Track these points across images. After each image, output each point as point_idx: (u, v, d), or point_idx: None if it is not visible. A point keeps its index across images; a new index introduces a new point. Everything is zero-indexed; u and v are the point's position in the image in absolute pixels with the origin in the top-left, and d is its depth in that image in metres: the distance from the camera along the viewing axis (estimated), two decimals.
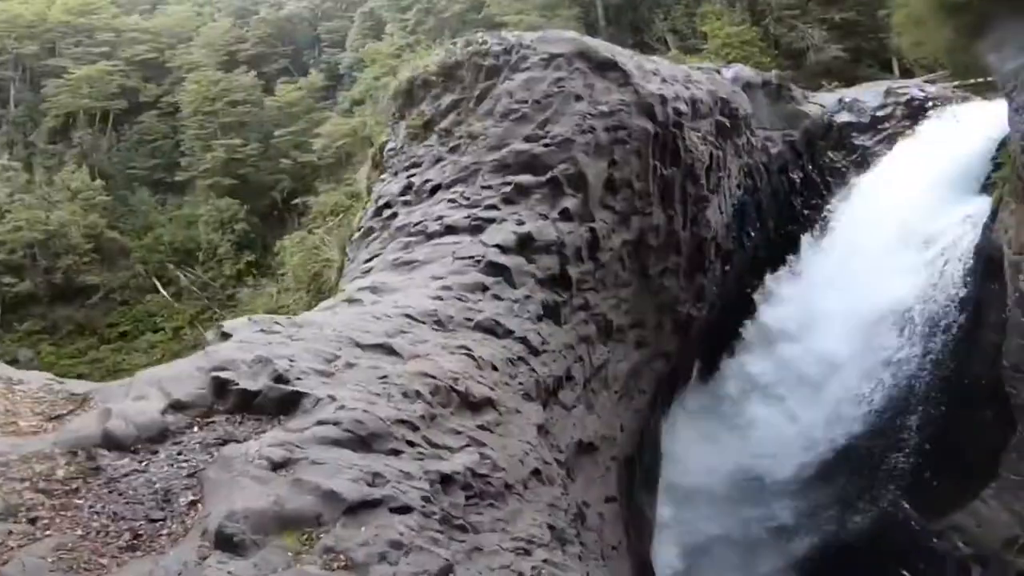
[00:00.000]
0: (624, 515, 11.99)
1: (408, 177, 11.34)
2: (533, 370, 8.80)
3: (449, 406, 6.49)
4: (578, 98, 11.35)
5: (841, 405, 14.29)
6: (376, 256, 10.49)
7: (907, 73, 25.70)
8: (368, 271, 10.14)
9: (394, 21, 39.62)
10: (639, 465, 13.56)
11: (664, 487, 14.50)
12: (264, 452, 4.83)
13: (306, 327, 7.19)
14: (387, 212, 11.22)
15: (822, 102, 18.71)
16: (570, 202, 10.60)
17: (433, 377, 6.54)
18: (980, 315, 13.01)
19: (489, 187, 10.40)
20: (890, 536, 13.60)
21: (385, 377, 6.28)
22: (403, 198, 11.13)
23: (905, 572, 13.01)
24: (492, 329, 8.66)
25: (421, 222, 10.40)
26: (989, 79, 15.64)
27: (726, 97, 14.90)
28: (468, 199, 10.32)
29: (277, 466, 4.77)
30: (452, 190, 10.61)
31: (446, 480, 5.49)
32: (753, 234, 16.05)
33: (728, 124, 14.64)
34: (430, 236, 10.13)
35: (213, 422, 5.44)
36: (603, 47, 12.42)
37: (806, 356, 14.74)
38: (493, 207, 10.20)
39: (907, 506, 13.62)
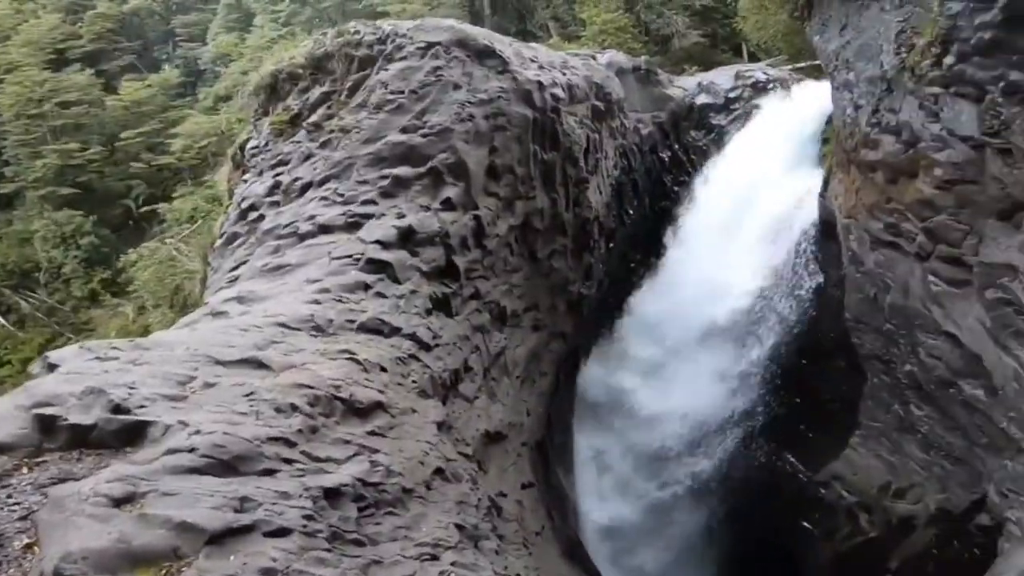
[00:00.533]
0: (544, 499, 11.95)
1: (275, 176, 10.56)
2: (427, 366, 8.45)
3: (333, 415, 6.11)
4: (456, 87, 11.03)
5: (718, 372, 14.92)
6: (243, 263, 9.72)
7: (753, 57, 27.28)
8: (234, 280, 9.37)
9: (264, 12, 37.30)
10: (552, 447, 13.59)
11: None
12: (101, 489, 4.34)
13: (154, 349, 6.52)
14: (253, 215, 10.41)
15: (684, 85, 19.49)
16: (452, 191, 10.26)
17: (311, 387, 6.12)
18: (824, 274, 13.94)
19: (365, 182, 9.86)
20: (785, 490, 14.38)
21: (252, 394, 5.78)
22: (270, 199, 10.36)
23: (806, 523, 13.72)
24: (378, 329, 8.20)
25: (292, 223, 9.69)
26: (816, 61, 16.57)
27: (600, 82, 15.11)
28: (343, 195, 9.74)
29: (119, 502, 4.30)
30: (325, 187, 9.97)
31: (333, 494, 5.12)
32: (632, 212, 16.44)
33: (603, 108, 14.85)
34: (303, 237, 9.47)
35: (45, 461, 4.82)
36: (482, 35, 12.16)
37: (682, 331, 15.24)
38: (371, 202, 9.68)
39: (792, 459, 14.46)
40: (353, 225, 9.39)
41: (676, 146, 18.25)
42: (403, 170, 9.96)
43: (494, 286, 11.38)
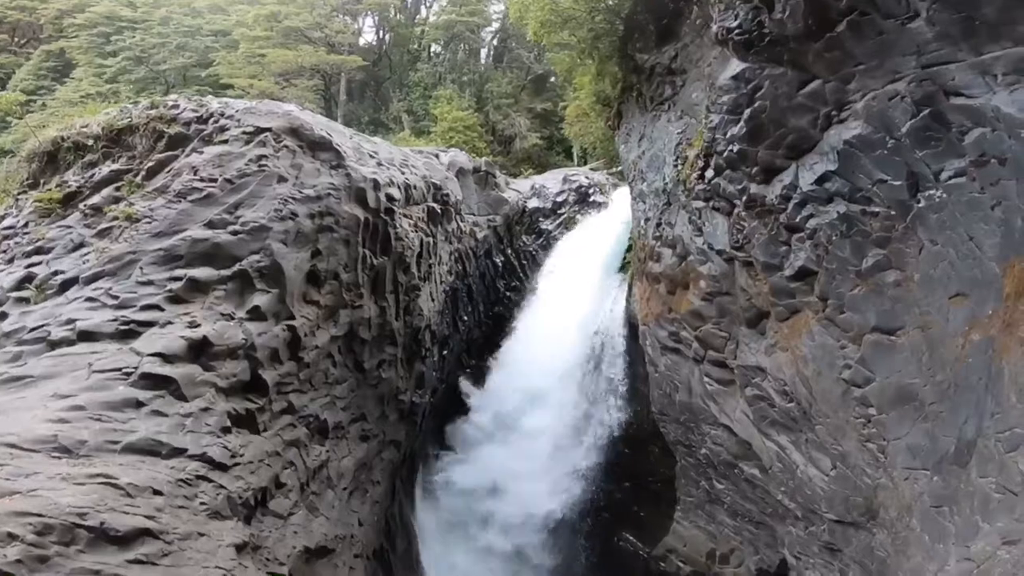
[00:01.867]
0: None
1: (28, 267, 8.37)
2: (222, 487, 7.36)
3: (75, 544, 5.53)
4: (282, 179, 9.77)
5: (558, 468, 14.76)
6: None
7: (583, 160, 28.93)
8: None
9: (89, 65, 32.62)
10: (394, 554, 12.34)
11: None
12: None
13: None
14: None
15: (519, 188, 19.73)
16: (262, 299, 8.81)
17: (39, 515, 5.48)
18: (634, 371, 14.53)
19: (150, 283, 8.17)
20: (627, 567, 14.46)
21: None
22: (17, 294, 8.19)
23: None
24: (152, 450, 7.02)
25: (41, 326, 7.73)
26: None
27: (439, 183, 14.52)
28: (117, 298, 8.00)
29: None
30: (94, 286, 8.12)
31: None
32: (466, 318, 15.71)
33: (440, 210, 14.19)
34: (54, 345, 7.55)
35: None
36: (319, 124, 11.10)
37: (522, 428, 14.93)
38: (154, 307, 7.99)
39: (631, 538, 14.68)
40: (127, 334, 7.67)
41: (509, 251, 18.14)
42: (203, 271, 8.41)
43: (312, 399, 9.93)
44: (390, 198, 11.64)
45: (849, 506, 7.83)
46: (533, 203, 19.25)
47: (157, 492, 6.52)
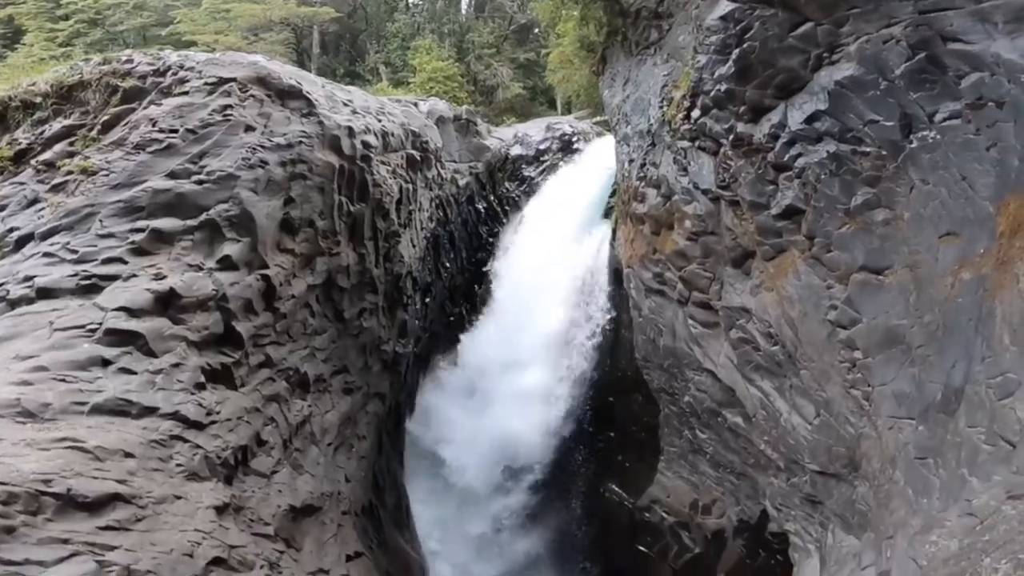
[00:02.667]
0: (383, 564, 10.41)
1: None
2: (198, 446, 6.95)
3: (42, 513, 5.19)
4: (249, 128, 9.12)
5: (542, 414, 14.52)
6: None
7: (567, 109, 28.03)
8: None
9: (40, 30, 30.45)
10: (384, 510, 11.99)
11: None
12: None
13: None
14: None
15: (502, 136, 19.14)
16: (233, 248, 8.26)
17: (2, 484, 5.15)
18: (619, 317, 14.20)
19: (110, 235, 7.56)
20: (615, 518, 14.29)
21: None
22: None
23: (641, 547, 13.56)
24: (122, 410, 6.58)
25: (0, 285, 7.07)
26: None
27: (418, 130, 13.89)
28: (76, 252, 7.41)
29: None
30: (51, 241, 7.52)
31: None
32: (448, 265, 15.31)
33: (419, 157, 13.64)
34: (13, 304, 7.01)
35: None
36: (288, 73, 10.36)
37: (506, 382, 14.60)
38: (116, 260, 7.40)
39: (615, 487, 14.44)
40: (89, 289, 7.12)
41: (492, 197, 17.61)
42: (167, 222, 7.84)
43: (291, 352, 9.49)
44: (366, 145, 11.05)
45: (832, 456, 7.71)
46: (516, 151, 18.71)
47: (128, 455, 6.13)
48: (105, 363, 6.73)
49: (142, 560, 5.29)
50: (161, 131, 8.57)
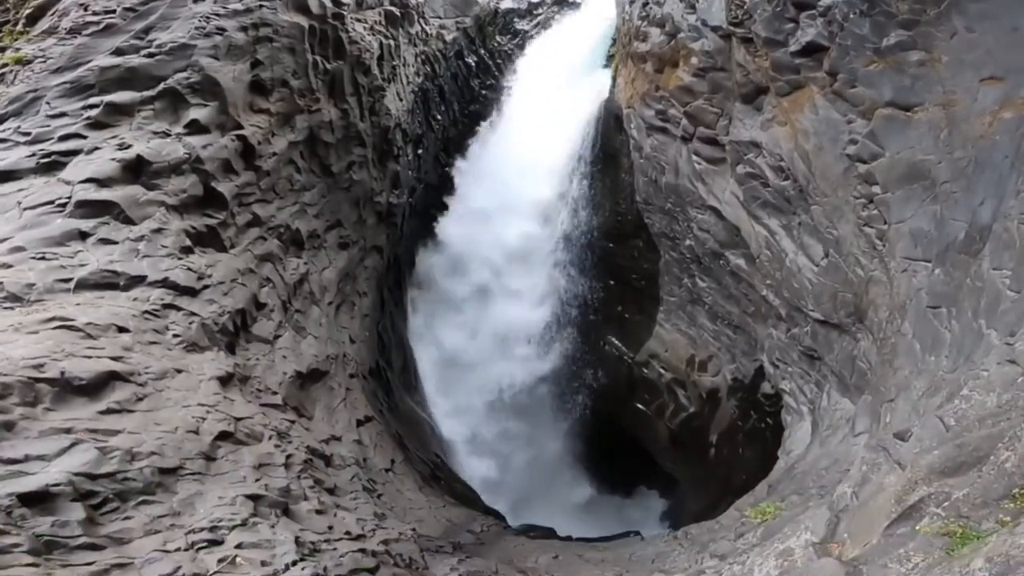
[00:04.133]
0: (393, 427, 10.17)
1: None
2: (193, 313, 6.39)
3: (40, 402, 4.65)
4: None
5: (544, 266, 14.17)
6: None
7: None
8: None
9: None
10: (391, 371, 11.70)
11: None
12: None
13: None
14: None
15: None
16: (200, 112, 7.47)
17: None
18: (617, 162, 13.40)
19: (62, 115, 6.95)
20: (616, 374, 14.18)
21: None
22: None
23: (639, 405, 13.70)
24: (108, 283, 6.03)
25: None
26: None
27: None
28: (29, 134, 6.82)
29: None
30: (1, 128, 6.78)
31: (36, 500, 3.98)
32: (440, 117, 14.28)
33: (399, 13, 12.28)
34: None
35: None
36: None
37: (506, 234, 14.09)
38: (74, 136, 6.78)
39: (616, 341, 14.25)
40: (50, 166, 6.52)
41: (483, 51, 16.04)
42: (121, 95, 7.20)
43: (279, 208, 8.74)
44: (337, 3, 9.94)
45: (837, 303, 7.39)
46: (507, 3, 16.84)
47: (122, 329, 5.55)
48: (83, 236, 6.13)
49: (146, 442, 4.76)
50: (95, 14, 7.78)
